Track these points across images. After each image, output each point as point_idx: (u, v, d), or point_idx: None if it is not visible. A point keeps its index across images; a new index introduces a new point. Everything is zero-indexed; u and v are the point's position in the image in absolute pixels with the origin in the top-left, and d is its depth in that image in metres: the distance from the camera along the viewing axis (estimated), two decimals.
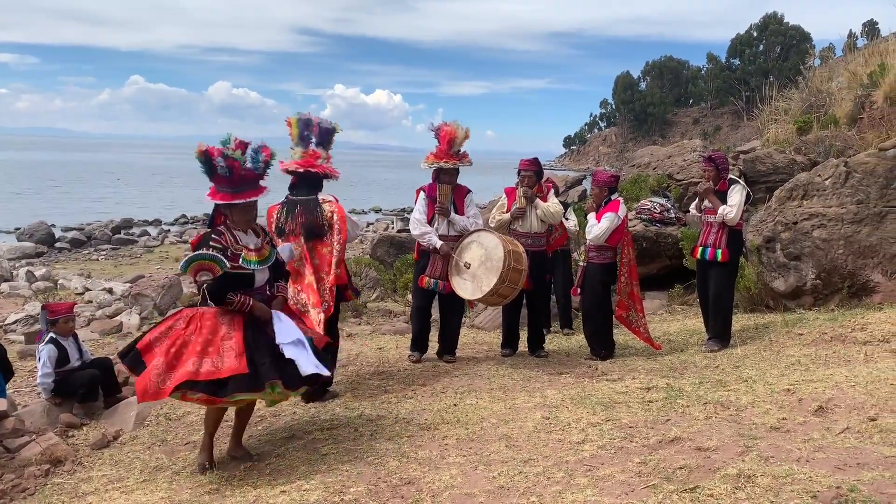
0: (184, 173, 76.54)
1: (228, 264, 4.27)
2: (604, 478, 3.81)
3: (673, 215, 10.29)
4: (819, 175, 8.52)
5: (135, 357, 4.26)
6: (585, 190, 18.46)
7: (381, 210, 41.06)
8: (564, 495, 3.63)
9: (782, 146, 12.62)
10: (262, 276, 4.53)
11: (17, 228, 25.29)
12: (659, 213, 10.21)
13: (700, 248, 7.11)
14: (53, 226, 25.71)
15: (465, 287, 6.55)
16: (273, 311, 4.52)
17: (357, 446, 4.67)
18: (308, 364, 4.38)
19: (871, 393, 4.70)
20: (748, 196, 7.07)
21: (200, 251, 4.29)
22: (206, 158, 4.35)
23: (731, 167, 7.32)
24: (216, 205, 4.50)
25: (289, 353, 4.36)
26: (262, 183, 4.53)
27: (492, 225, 7.45)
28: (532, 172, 7.18)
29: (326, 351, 4.77)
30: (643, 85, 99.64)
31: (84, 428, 5.81)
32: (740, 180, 7.13)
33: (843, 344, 6.36)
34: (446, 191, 6.70)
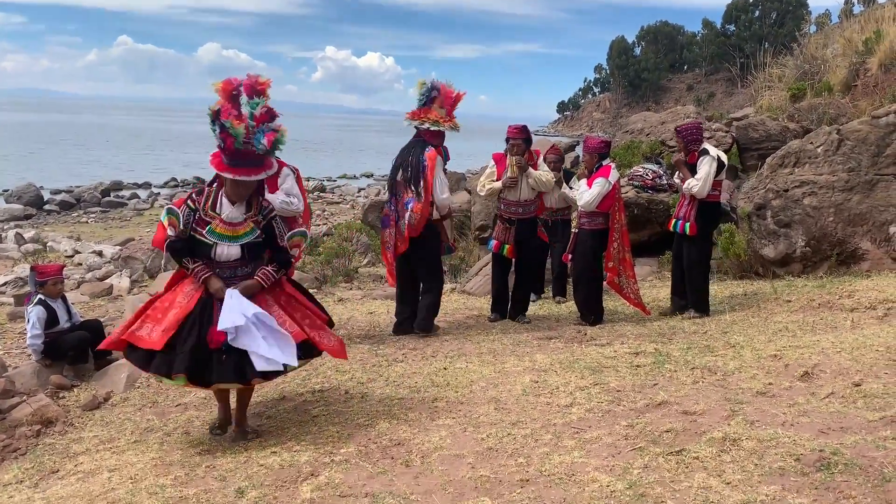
0: (173, 136, 75.85)
1: (182, 225, 4.14)
2: (591, 440, 3.85)
3: (665, 182, 10.28)
4: (811, 142, 8.51)
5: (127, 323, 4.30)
6: (578, 156, 18.41)
7: (372, 175, 40.87)
8: (552, 457, 3.68)
9: (775, 113, 12.60)
10: (227, 252, 4.20)
11: (6, 190, 25.07)
12: (651, 180, 10.19)
13: (673, 220, 7.13)
14: (42, 188, 25.48)
15: None
16: (228, 291, 4.11)
17: (347, 408, 4.71)
18: (259, 360, 4.02)
19: (856, 359, 4.75)
20: (721, 167, 6.93)
21: (174, 206, 4.23)
22: (212, 118, 4.13)
23: (703, 138, 7.19)
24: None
25: (240, 342, 4.01)
26: (265, 163, 4.25)
27: (481, 193, 7.41)
28: (521, 140, 7.09)
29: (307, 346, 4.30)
30: (637, 50, 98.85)
31: (75, 389, 5.82)
32: (712, 151, 6.98)
33: (831, 311, 6.41)
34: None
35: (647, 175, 10.26)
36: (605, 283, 7.25)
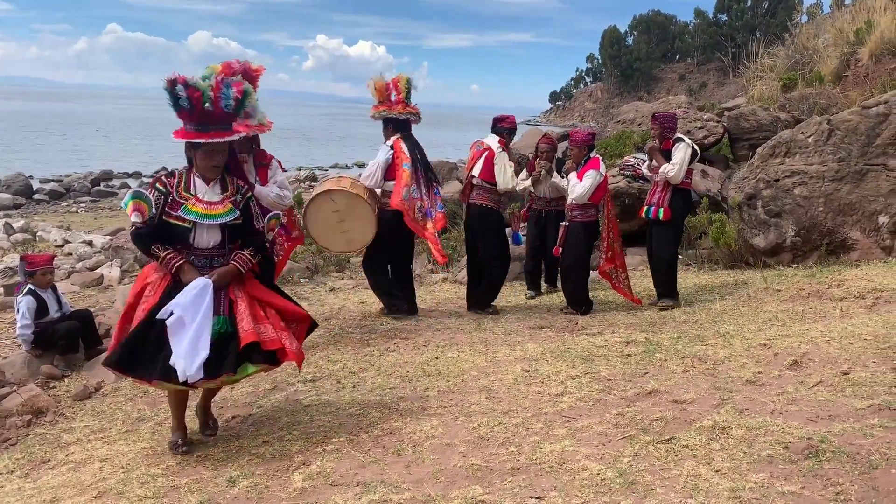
0: (163, 125, 75.26)
1: (154, 208, 3.79)
2: (581, 429, 3.87)
3: None
4: (802, 132, 8.53)
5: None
6: (681, 138, 18.38)
7: (364, 164, 40.80)
8: (543, 445, 3.70)
9: (767, 103, 12.62)
10: (206, 237, 3.88)
11: None
12: (642, 170, 10.20)
13: (645, 207, 7.14)
14: (31, 177, 25.29)
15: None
16: (199, 280, 3.78)
17: (339, 398, 4.71)
18: (178, 356, 3.65)
19: (844, 348, 4.79)
20: (694, 154, 6.96)
21: (139, 189, 3.90)
22: (170, 87, 3.74)
23: (677, 127, 7.23)
24: (184, 145, 3.93)
25: (171, 331, 3.68)
26: (234, 125, 3.98)
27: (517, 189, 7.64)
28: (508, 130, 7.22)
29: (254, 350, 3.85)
30: (630, 40, 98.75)
31: (65, 379, 5.81)
32: (686, 138, 7.01)
33: (820, 300, 6.45)
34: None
35: (638, 164, 10.26)
36: (597, 272, 7.26)
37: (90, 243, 13.38)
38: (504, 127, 7.13)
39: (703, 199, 9.66)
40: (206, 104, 3.75)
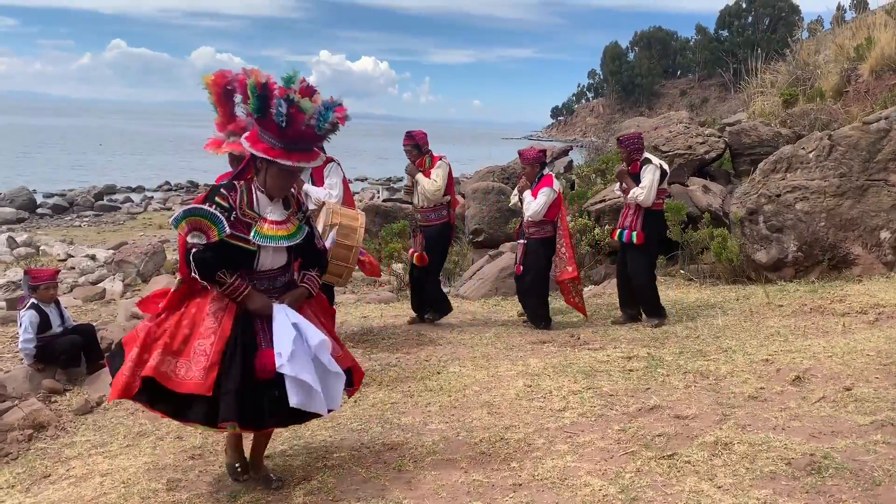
0: (167, 139, 75.70)
1: (227, 229, 3.31)
2: (583, 444, 3.87)
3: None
4: (803, 148, 8.55)
5: (116, 350, 3.53)
6: (572, 161, 18.45)
7: (367, 179, 40.85)
8: (545, 461, 3.69)
9: (768, 119, 12.66)
10: (271, 258, 3.49)
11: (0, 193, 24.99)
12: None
13: (618, 230, 7.13)
14: (35, 192, 25.38)
15: None
16: (277, 308, 3.42)
17: (340, 413, 4.70)
18: (297, 393, 3.31)
19: (847, 363, 4.78)
20: (663, 174, 6.90)
21: (199, 206, 3.35)
22: (263, 93, 3.31)
23: (643, 147, 7.17)
24: (252, 155, 3.45)
25: (291, 367, 3.29)
26: (317, 148, 3.55)
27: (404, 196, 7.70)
28: (409, 146, 7.10)
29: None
30: (631, 55, 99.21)
31: (67, 393, 5.80)
32: (654, 160, 6.96)
33: (822, 315, 6.45)
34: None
35: None
36: (558, 282, 7.21)
37: (93, 257, 13.41)
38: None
39: (705, 215, 9.67)
40: (304, 125, 3.35)
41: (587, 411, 4.37)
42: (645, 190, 6.79)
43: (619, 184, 7.25)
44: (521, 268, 7.12)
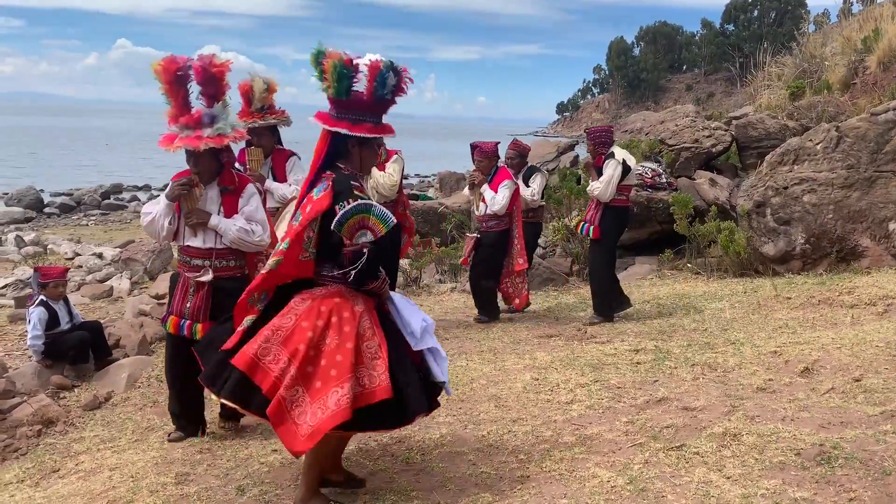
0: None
1: (394, 221, 3.14)
2: (591, 436, 3.86)
3: (664, 180, 10.28)
4: (810, 140, 8.51)
5: (243, 385, 3.09)
6: (578, 156, 18.41)
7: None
8: (552, 453, 3.68)
9: (775, 112, 12.60)
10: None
11: (6, 194, 25.06)
12: (650, 178, 10.20)
13: (581, 224, 7.10)
14: (42, 191, 25.45)
15: None
16: (396, 296, 3.34)
17: None
18: (438, 369, 3.29)
19: (856, 354, 4.76)
20: (626, 170, 6.75)
21: (365, 202, 3.09)
22: (349, 71, 3.11)
23: (612, 141, 7.05)
24: (341, 139, 3.20)
25: (430, 342, 3.25)
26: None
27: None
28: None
29: None
30: (637, 50, 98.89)
31: (75, 389, 5.82)
32: (618, 154, 6.80)
33: (831, 307, 6.41)
34: (257, 154, 5.50)
35: (646, 173, 10.27)
36: (512, 272, 7.17)
37: (100, 255, 13.44)
38: None
39: (712, 208, 9.64)
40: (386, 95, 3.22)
41: (595, 404, 4.36)
42: (602, 184, 6.68)
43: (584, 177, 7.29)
44: (474, 260, 7.12)
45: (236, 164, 4.75)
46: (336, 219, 3.05)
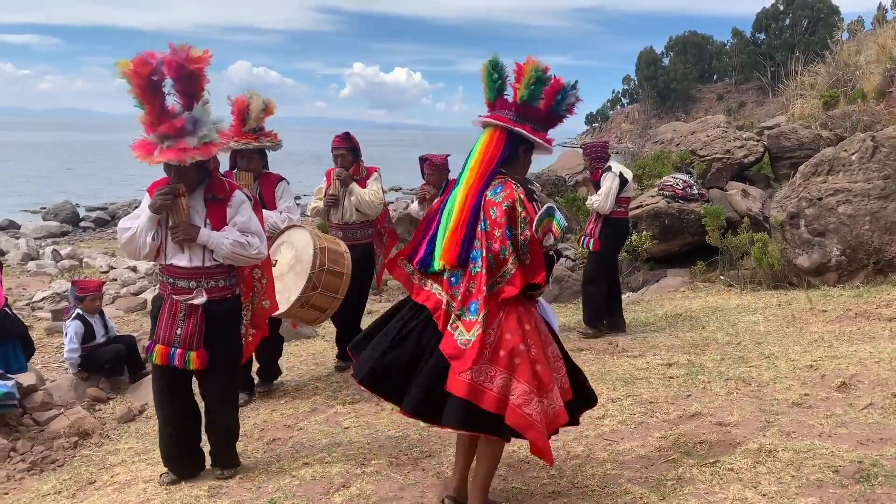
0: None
1: (565, 223, 3.16)
2: (623, 452, 3.82)
3: (696, 191, 10.19)
4: (845, 150, 8.38)
5: (467, 409, 2.97)
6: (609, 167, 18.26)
7: (401, 189, 41.03)
8: (584, 469, 3.65)
9: (808, 121, 12.44)
10: None
11: (43, 208, 25.60)
12: (682, 190, 10.11)
13: (582, 237, 7.08)
14: (78, 205, 25.96)
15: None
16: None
17: (378, 420, 4.72)
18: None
19: (895, 369, 4.65)
20: (623, 182, 6.79)
21: (549, 205, 3.13)
22: (544, 79, 3.16)
23: (608, 155, 7.09)
24: (517, 144, 3.19)
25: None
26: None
27: (308, 214, 6.93)
28: (345, 150, 6.00)
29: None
30: (666, 61, 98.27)
31: (110, 402, 5.92)
32: (615, 167, 6.83)
33: (868, 320, 6.29)
34: (247, 179, 5.17)
35: (677, 184, 10.19)
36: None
37: (134, 269, 13.65)
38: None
39: (744, 219, 9.52)
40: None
41: (627, 419, 4.32)
42: (602, 197, 6.75)
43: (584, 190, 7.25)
44: None
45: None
46: (542, 217, 3.06)
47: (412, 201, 7.41)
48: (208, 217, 3.74)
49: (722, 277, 9.10)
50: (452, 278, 3.12)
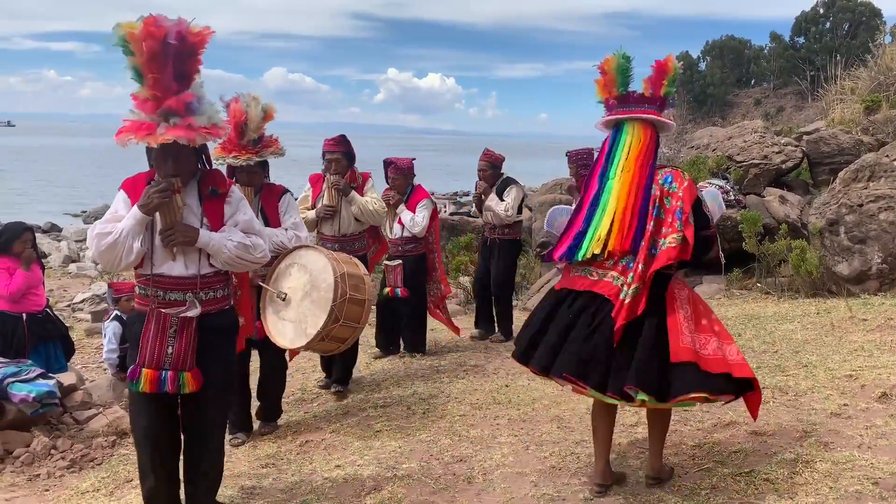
0: None
1: None
2: None
3: (732, 197, 10.05)
4: (887, 156, 8.21)
5: (703, 375, 3.13)
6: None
7: (433, 193, 41.12)
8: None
9: (848, 126, 12.20)
10: None
11: (84, 211, 26.19)
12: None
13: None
14: None
15: (284, 331, 4.46)
16: None
17: (409, 424, 4.73)
18: None
19: None
20: None
21: (710, 189, 3.63)
22: (677, 74, 3.49)
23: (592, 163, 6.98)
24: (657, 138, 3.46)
25: None
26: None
27: None
28: (340, 154, 5.59)
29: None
30: (703, 65, 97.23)
31: None
32: None
33: None
34: (248, 195, 4.39)
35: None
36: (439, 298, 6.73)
37: None
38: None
39: (782, 226, 9.37)
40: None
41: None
42: None
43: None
44: (399, 291, 6.18)
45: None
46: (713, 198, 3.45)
47: None
48: (206, 216, 3.20)
49: (759, 285, 8.96)
50: (624, 262, 3.27)
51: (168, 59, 2.92)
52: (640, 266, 3.18)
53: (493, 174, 7.06)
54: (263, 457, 4.41)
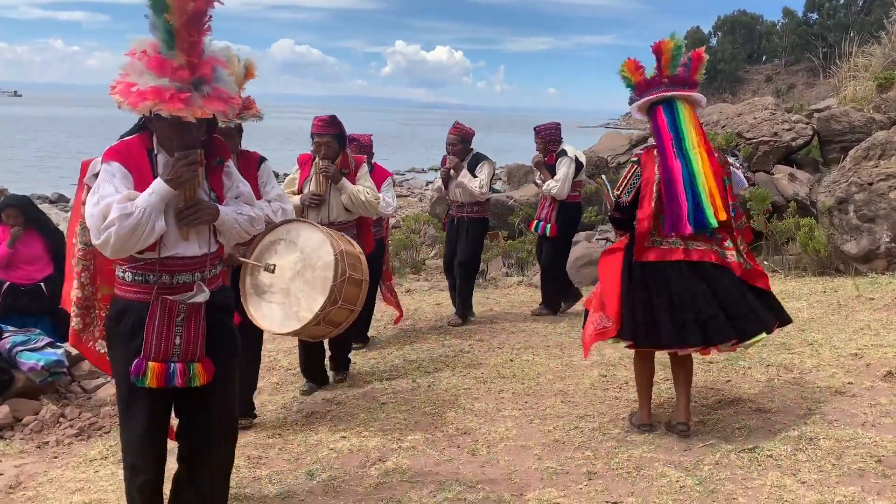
0: (253, 130, 77.58)
1: None
2: (660, 435, 3.81)
3: (743, 175, 9.99)
4: None
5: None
6: (564, 151, 17.95)
7: (440, 169, 41.06)
8: (619, 450, 3.65)
9: (860, 104, 12.08)
10: None
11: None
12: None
13: (535, 222, 6.98)
14: None
15: (271, 315, 4.04)
16: None
17: (415, 397, 4.76)
18: None
19: None
20: (579, 167, 6.77)
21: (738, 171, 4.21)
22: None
23: (561, 138, 6.98)
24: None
25: None
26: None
27: None
28: (330, 137, 5.00)
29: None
30: (714, 41, 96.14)
31: None
32: (570, 151, 6.77)
33: None
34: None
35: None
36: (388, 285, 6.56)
37: None
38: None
39: (791, 204, 9.32)
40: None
41: (664, 402, 4.30)
42: (559, 183, 6.65)
43: (536, 174, 7.06)
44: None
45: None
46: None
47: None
48: (213, 188, 2.89)
49: (766, 263, 8.93)
50: (716, 231, 3.73)
51: (203, 23, 2.64)
52: (739, 236, 3.82)
53: (463, 149, 6.84)
54: (269, 427, 4.45)
